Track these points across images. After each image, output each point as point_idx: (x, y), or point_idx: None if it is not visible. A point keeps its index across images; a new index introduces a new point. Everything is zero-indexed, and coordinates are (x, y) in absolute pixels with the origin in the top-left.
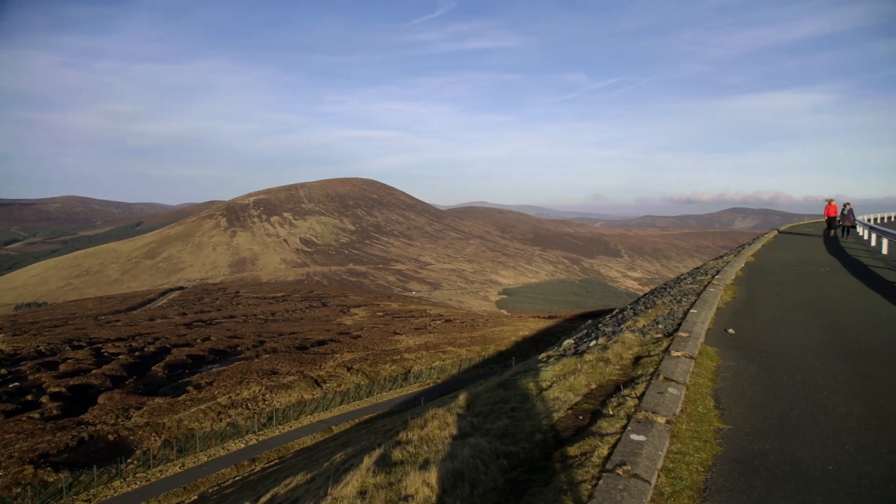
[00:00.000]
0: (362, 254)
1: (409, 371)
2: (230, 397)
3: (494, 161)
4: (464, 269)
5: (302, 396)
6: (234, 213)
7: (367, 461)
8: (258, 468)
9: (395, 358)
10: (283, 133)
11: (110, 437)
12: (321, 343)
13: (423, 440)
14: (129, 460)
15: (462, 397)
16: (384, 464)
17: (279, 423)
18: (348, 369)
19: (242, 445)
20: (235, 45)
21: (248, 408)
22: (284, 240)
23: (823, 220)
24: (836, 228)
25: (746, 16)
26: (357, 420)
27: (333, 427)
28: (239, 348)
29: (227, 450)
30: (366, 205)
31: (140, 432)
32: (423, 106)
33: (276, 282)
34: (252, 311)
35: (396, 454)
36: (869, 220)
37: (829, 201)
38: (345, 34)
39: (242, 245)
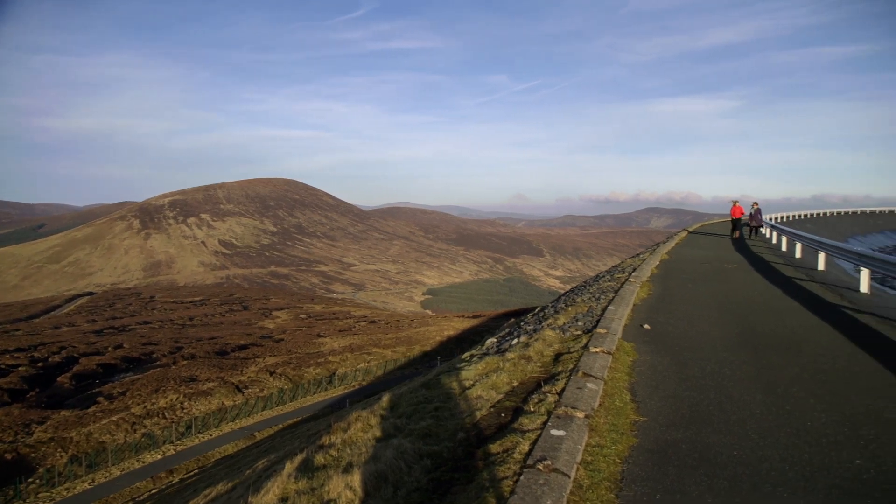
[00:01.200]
0: (284, 255)
1: (334, 373)
2: (145, 407)
3: (418, 161)
4: (388, 269)
5: (223, 403)
6: (148, 215)
7: (289, 467)
8: (176, 479)
9: (319, 361)
10: (200, 131)
11: (8, 456)
12: (242, 347)
13: (347, 443)
14: (31, 479)
15: (385, 398)
16: (306, 469)
17: (199, 432)
18: (271, 374)
19: (159, 456)
20: (147, 39)
21: (164, 417)
22: (202, 242)
23: (729, 220)
24: (740, 229)
25: (659, 24)
26: (281, 425)
27: (256, 433)
28: (155, 355)
29: (143, 462)
30: (287, 205)
31: (44, 449)
32: (346, 106)
33: (193, 285)
34: (168, 317)
35: (319, 458)
36: (771, 220)
37: (735, 202)
38: (264, 31)
39: (157, 248)
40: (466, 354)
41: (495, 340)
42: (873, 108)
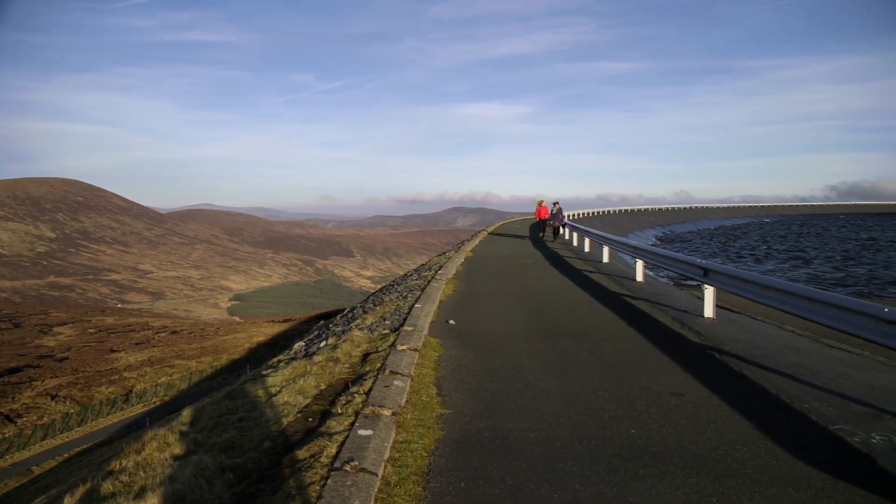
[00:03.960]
0: (66, 264)
1: (131, 391)
2: None
3: (219, 161)
4: (190, 275)
5: None
6: None
7: (69, 501)
8: None
9: (112, 378)
10: None
11: None
12: (14, 371)
13: (140, 466)
14: None
15: (186, 413)
16: (91, 500)
17: None
18: (53, 397)
19: None
20: None
21: None
22: None
23: (534, 218)
24: (545, 230)
25: (461, 31)
26: (67, 454)
27: (34, 468)
28: None
29: None
30: (68, 208)
31: None
32: (136, 99)
33: None
34: None
35: (107, 487)
36: (566, 217)
37: (540, 202)
38: (28, 7)
39: None
40: (274, 360)
41: (303, 344)
42: (643, 119)
